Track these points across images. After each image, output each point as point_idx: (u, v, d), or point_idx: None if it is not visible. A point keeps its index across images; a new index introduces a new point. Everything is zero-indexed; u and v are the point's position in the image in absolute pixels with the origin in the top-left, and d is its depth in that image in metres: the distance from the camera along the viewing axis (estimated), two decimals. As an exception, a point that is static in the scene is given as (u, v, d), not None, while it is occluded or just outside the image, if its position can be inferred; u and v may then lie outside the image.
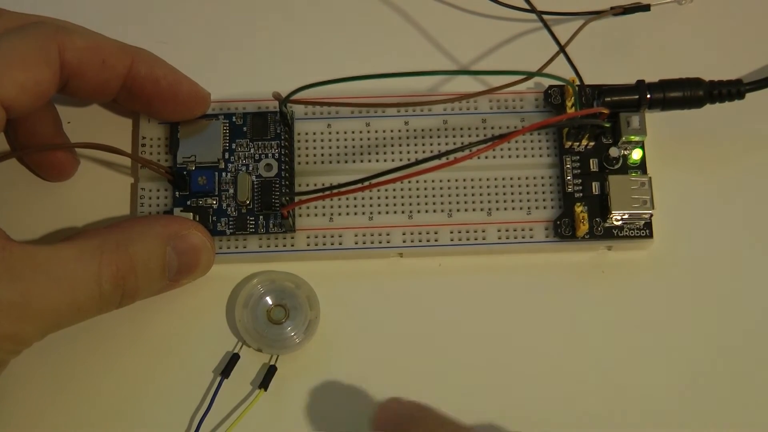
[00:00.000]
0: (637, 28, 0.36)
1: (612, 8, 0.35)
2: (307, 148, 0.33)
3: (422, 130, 0.33)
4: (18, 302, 0.25)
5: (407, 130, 0.34)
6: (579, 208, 0.32)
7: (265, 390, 0.31)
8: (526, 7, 0.32)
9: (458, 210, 0.33)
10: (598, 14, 0.34)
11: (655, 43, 0.36)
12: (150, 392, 0.31)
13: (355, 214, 0.33)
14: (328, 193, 0.29)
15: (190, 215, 0.32)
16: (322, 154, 0.33)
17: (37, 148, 0.32)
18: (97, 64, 0.29)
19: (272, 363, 0.31)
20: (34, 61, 0.28)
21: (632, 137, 0.32)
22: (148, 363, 0.32)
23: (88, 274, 0.27)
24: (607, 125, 0.32)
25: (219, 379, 0.31)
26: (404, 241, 0.32)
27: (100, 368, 0.31)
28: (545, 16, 0.32)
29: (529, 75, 0.30)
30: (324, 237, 0.32)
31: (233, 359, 0.31)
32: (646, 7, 0.35)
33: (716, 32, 0.36)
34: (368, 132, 0.33)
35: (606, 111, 0.31)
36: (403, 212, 0.33)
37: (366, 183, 0.28)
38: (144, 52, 0.31)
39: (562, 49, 0.30)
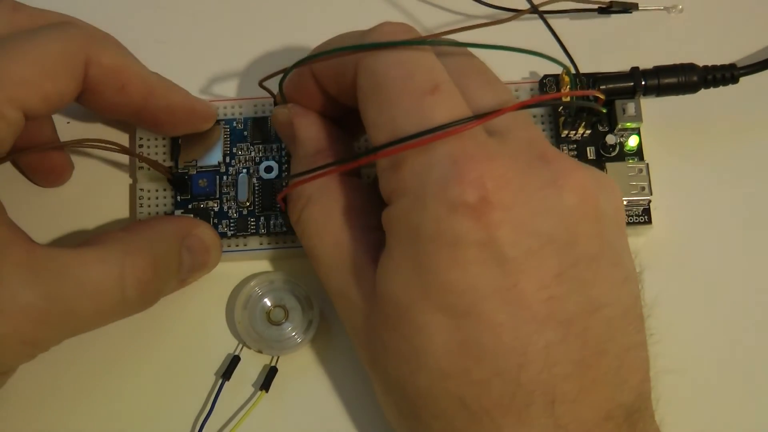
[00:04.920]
0: (628, 19, 0.36)
1: (599, 7, 0.35)
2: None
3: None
4: (41, 306, 0.25)
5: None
6: (578, 197, 0.32)
7: (267, 391, 0.31)
8: (526, 7, 0.32)
9: (457, 204, 0.32)
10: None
11: (647, 30, 0.36)
12: (151, 396, 0.31)
13: (354, 212, 0.32)
14: (319, 173, 0.28)
15: (191, 216, 0.32)
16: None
17: (40, 148, 0.32)
18: (117, 87, 0.29)
19: (273, 364, 0.31)
20: (62, 71, 0.27)
21: (628, 124, 0.32)
22: (149, 367, 0.31)
23: (111, 278, 0.27)
24: (604, 110, 0.32)
25: (220, 381, 0.31)
26: (403, 238, 0.32)
27: (102, 372, 0.31)
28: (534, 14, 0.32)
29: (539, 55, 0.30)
30: (323, 236, 0.32)
31: (234, 361, 0.31)
32: (635, 6, 0.35)
33: (708, 17, 0.36)
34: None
35: (601, 96, 0.31)
36: (401, 209, 0.32)
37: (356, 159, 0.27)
38: (162, 83, 0.30)
39: (560, 43, 0.30)
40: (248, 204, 0.32)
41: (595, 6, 0.35)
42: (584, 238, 0.24)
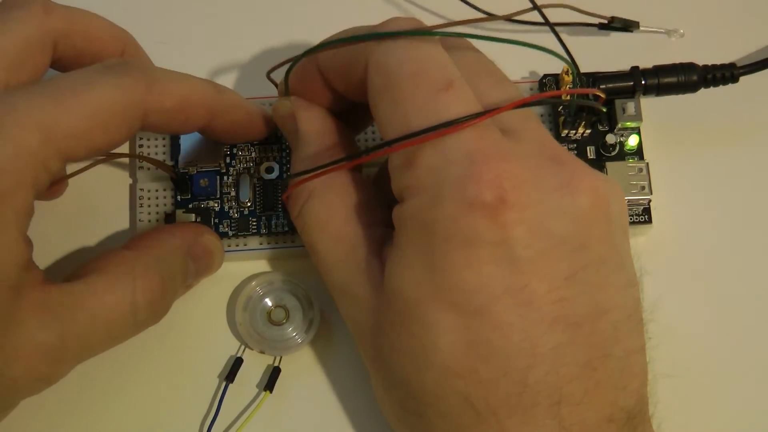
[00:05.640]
0: (629, 38, 0.36)
1: (600, 23, 0.35)
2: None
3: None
4: (57, 345, 0.25)
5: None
6: (578, 197, 0.32)
7: (271, 392, 0.31)
8: (540, 20, 0.32)
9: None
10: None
11: (646, 50, 0.36)
12: (156, 401, 0.31)
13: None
14: (318, 171, 0.27)
15: (192, 216, 0.32)
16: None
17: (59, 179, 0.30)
18: (180, 122, 0.28)
19: (276, 364, 0.31)
20: (118, 124, 0.26)
21: (628, 123, 0.32)
22: (153, 372, 0.31)
23: (123, 305, 0.26)
24: (605, 110, 0.32)
25: (224, 384, 0.31)
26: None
27: (105, 379, 0.31)
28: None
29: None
30: (323, 235, 0.32)
31: (236, 363, 0.31)
32: (636, 24, 0.35)
33: (708, 16, 0.36)
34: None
35: (602, 94, 0.31)
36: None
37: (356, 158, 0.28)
38: (224, 98, 0.29)
39: (561, 42, 0.30)
40: (249, 204, 0.32)
41: (596, 21, 0.35)
42: (595, 241, 0.24)
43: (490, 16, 0.27)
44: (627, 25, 0.35)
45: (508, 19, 0.29)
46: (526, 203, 0.23)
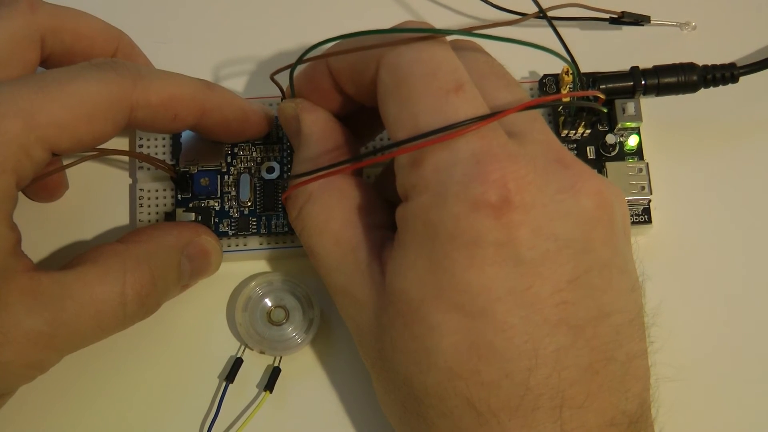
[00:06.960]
0: (640, 32, 0.36)
1: (611, 17, 0.35)
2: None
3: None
4: (46, 331, 0.25)
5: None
6: (578, 197, 0.32)
7: (271, 392, 0.31)
8: (532, 12, 0.32)
9: (457, 203, 0.32)
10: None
11: (658, 44, 0.36)
12: (156, 401, 0.31)
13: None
14: (318, 174, 0.27)
15: (192, 215, 0.32)
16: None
17: (44, 175, 0.30)
18: (168, 118, 0.28)
19: (276, 365, 0.31)
20: (101, 117, 0.26)
21: (628, 124, 0.32)
22: (153, 372, 0.31)
23: (113, 295, 0.26)
24: (605, 110, 0.32)
25: (224, 384, 0.31)
26: (405, 237, 0.32)
27: (105, 379, 0.31)
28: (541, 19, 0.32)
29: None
30: (323, 235, 0.32)
31: (236, 363, 0.31)
32: (647, 18, 0.35)
33: (708, 16, 0.36)
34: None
35: (602, 96, 0.31)
36: (402, 208, 0.32)
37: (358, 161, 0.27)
38: (215, 94, 0.29)
39: (562, 41, 0.30)
40: (249, 204, 0.32)
41: (607, 16, 0.35)
42: (598, 244, 0.24)
43: (493, 24, 0.27)
44: (638, 19, 0.35)
45: (513, 22, 0.29)
46: (531, 204, 0.23)
